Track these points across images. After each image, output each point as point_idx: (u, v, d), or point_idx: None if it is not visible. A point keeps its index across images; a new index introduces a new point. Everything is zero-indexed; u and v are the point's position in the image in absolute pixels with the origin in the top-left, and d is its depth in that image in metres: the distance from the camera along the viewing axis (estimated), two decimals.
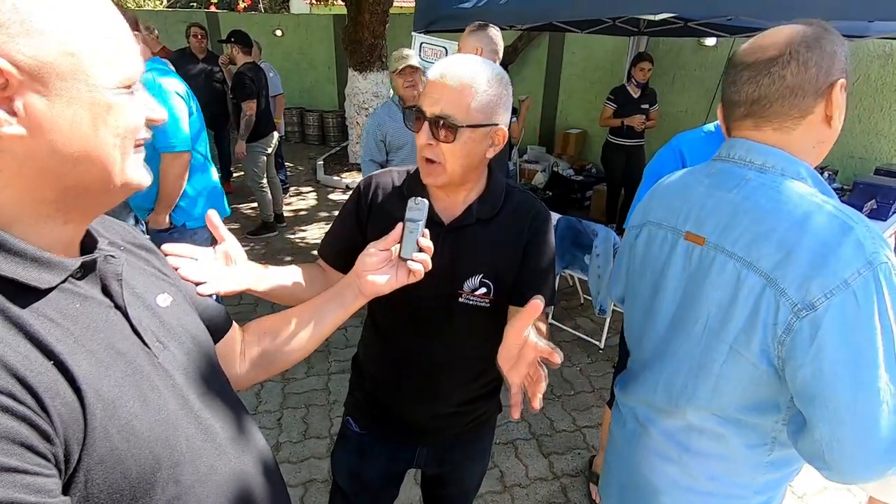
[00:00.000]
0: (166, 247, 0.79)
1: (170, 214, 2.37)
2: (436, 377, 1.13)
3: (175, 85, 2.26)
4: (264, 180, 4.51)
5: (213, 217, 0.86)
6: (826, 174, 3.90)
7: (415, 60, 2.62)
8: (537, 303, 0.70)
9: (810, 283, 0.71)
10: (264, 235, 4.62)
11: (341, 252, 1.10)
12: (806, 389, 0.73)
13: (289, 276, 1.03)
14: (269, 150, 4.50)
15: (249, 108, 4.08)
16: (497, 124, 0.97)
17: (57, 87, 0.46)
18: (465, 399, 1.18)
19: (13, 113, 0.45)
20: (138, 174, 0.56)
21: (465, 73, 0.92)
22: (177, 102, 2.22)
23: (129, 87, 0.52)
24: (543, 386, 0.72)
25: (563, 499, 2.14)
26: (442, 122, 0.92)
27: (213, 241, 0.91)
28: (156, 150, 2.16)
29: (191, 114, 2.40)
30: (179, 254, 0.81)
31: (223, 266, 0.88)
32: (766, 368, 0.78)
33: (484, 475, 1.39)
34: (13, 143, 0.46)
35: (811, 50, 0.78)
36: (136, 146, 0.55)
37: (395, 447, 1.23)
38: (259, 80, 4.23)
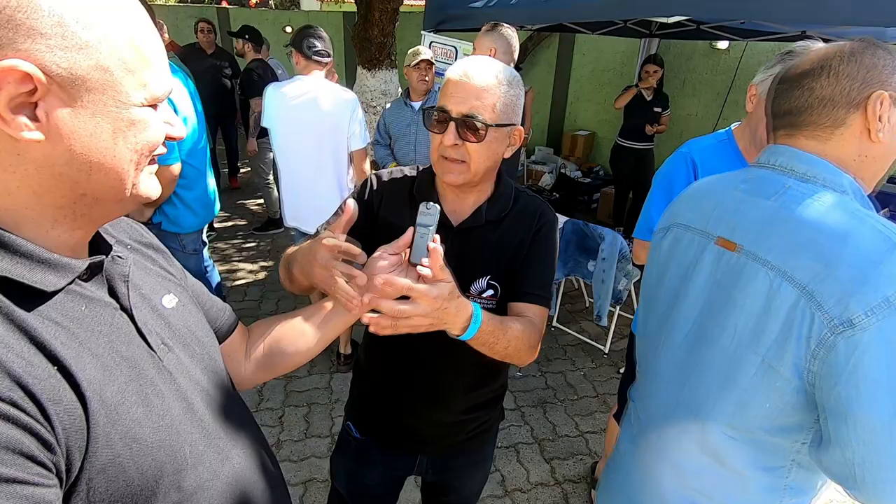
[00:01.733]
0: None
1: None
2: (439, 384, 1.11)
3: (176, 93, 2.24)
4: (271, 177, 4.52)
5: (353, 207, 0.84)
6: None
7: (429, 55, 2.80)
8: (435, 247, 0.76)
9: (850, 299, 0.69)
10: (270, 232, 4.63)
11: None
12: (838, 407, 0.70)
13: None
14: None
15: (257, 105, 4.09)
16: (515, 124, 0.98)
17: (84, 99, 0.47)
18: (468, 406, 1.16)
19: (35, 118, 0.45)
20: (149, 187, 0.56)
21: (489, 73, 0.93)
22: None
23: (155, 105, 0.53)
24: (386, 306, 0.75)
25: None
26: (470, 121, 0.92)
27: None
28: None
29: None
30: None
31: None
32: (797, 383, 0.75)
33: (485, 483, 1.38)
34: (30, 147, 0.45)
35: (845, 62, 0.77)
36: (151, 162, 0.55)
37: (396, 454, 1.21)
38: (267, 77, 4.23)
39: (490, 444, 1.32)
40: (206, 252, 2.77)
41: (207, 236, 2.71)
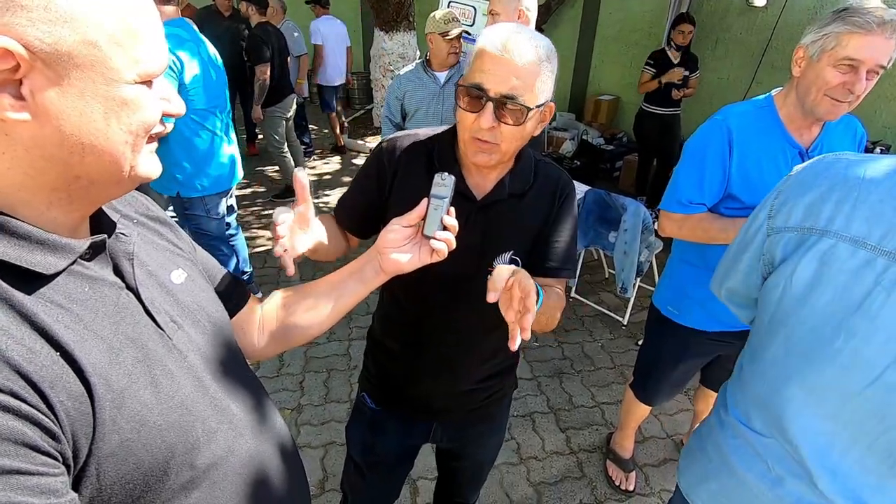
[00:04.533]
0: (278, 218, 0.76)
1: (163, 185, 2.46)
2: (456, 355, 1.11)
3: (180, 56, 2.23)
4: (285, 146, 4.47)
5: (302, 177, 0.78)
6: (878, 150, 3.66)
7: (462, 27, 2.54)
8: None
9: None
10: (289, 200, 4.62)
11: (357, 218, 1.07)
12: None
13: (325, 230, 0.99)
14: (289, 115, 4.44)
15: (262, 72, 3.95)
16: (549, 101, 0.92)
17: (72, 76, 0.44)
18: (484, 376, 1.17)
19: (20, 97, 0.42)
20: (147, 167, 0.53)
21: (531, 49, 0.85)
22: (167, 75, 2.19)
23: (149, 82, 0.50)
24: (530, 318, 0.76)
25: (578, 473, 2.15)
26: (509, 103, 0.85)
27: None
28: None
29: (209, 82, 2.36)
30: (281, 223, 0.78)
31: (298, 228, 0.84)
32: None
33: (499, 449, 1.39)
34: (17, 127, 0.43)
35: None
36: (150, 140, 0.53)
37: (411, 423, 1.23)
38: (271, 41, 4.08)
39: (504, 411, 1.33)
40: (233, 219, 2.79)
41: (229, 207, 2.72)
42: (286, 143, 4.49)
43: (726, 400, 0.99)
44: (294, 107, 4.51)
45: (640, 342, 2.87)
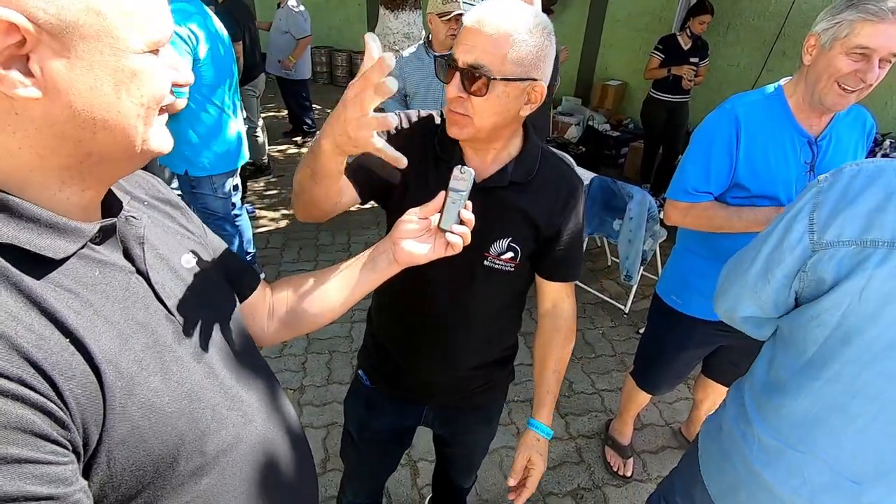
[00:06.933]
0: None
1: (172, 162, 2.43)
2: (451, 339, 1.12)
3: (193, 29, 2.19)
4: (257, 127, 4.36)
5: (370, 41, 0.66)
6: (888, 142, 3.62)
7: (463, 8, 2.47)
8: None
9: None
10: (261, 178, 4.54)
11: (366, 172, 0.99)
12: None
13: None
14: (259, 93, 4.35)
15: (236, 50, 3.82)
16: (536, 79, 0.89)
17: (79, 48, 0.42)
18: (478, 364, 1.17)
19: (29, 73, 0.41)
20: (160, 141, 0.52)
21: (504, 20, 0.84)
22: (182, 51, 2.16)
23: (156, 50, 0.48)
24: (525, 494, 1.07)
25: (577, 458, 2.18)
26: (474, 72, 0.85)
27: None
28: None
29: (217, 56, 2.33)
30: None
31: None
32: None
33: (491, 440, 1.41)
34: (28, 105, 0.42)
35: None
36: (160, 113, 0.51)
37: (403, 405, 1.24)
38: (243, 19, 3.93)
39: (497, 402, 1.33)
40: (238, 199, 2.77)
41: (235, 186, 2.69)
42: (259, 122, 4.38)
43: (747, 413, 0.96)
44: (263, 86, 4.40)
45: (641, 330, 2.88)
